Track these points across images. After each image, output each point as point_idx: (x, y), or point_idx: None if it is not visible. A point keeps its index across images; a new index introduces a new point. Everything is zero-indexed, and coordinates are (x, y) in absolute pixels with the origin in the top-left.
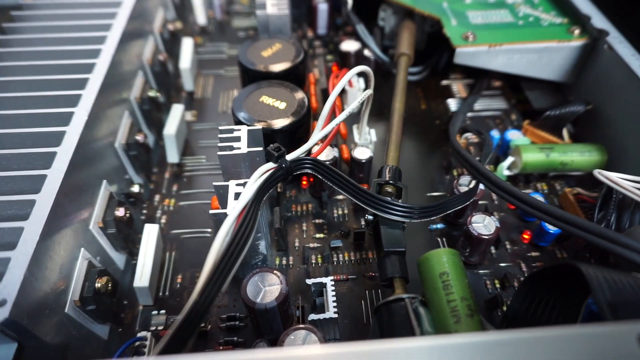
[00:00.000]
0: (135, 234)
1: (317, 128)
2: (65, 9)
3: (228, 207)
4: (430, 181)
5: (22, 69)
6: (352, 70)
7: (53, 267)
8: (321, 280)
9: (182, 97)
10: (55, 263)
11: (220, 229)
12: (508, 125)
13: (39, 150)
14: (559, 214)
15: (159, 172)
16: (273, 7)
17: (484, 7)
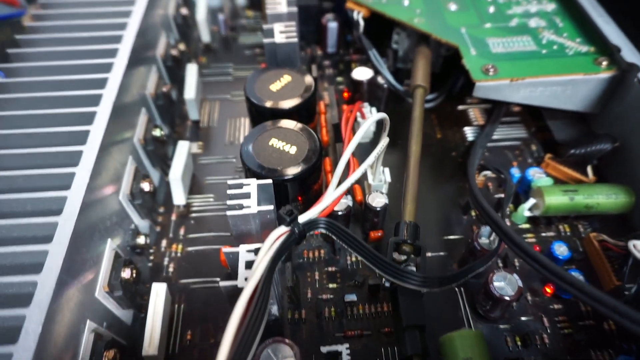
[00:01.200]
0: (143, 285)
1: (332, 186)
2: (63, 45)
3: (239, 278)
4: (446, 222)
5: (17, 119)
6: (367, 122)
7: (56, 353)
8: (336, 348)
9: (187, 126)
10: (57, 349)
11: (234, 311)
12: (527, 157)
13: (39, 221)
14: (599, 296)
15: (165, 212)
16: (281, 34)
17: (505, 32)
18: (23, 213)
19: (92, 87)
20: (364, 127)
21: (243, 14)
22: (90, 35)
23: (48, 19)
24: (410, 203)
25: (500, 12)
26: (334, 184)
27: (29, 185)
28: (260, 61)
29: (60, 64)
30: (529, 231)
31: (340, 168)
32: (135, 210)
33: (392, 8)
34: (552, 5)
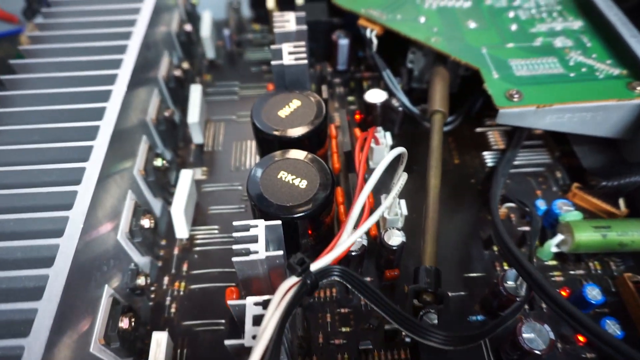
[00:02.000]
0: (144, 327)
1: (346, 231)
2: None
3: (246, 335)
4: (465, 257)
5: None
6: (384, 160)
7: None
8: None
9: (190, 150)
10: None
11: None
12: (552, 185)
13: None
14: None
15: (167, 245)
16: (290, 56)
17: (529, 53)
18: (11, 263)
19: (89, 119)
20: (380, 167)
21: (249, 28)
22: (88, 59)
23: (43, 42)
24: (431, 245)
25: (523, 30)
26: (349, 229)
27: (19, 229)
28: (267, 79)
29: (56, 91)
30: (555, 268)
31: (355, 212)
32: (135, 248)
33: (408, 26)
34: (578, 22)
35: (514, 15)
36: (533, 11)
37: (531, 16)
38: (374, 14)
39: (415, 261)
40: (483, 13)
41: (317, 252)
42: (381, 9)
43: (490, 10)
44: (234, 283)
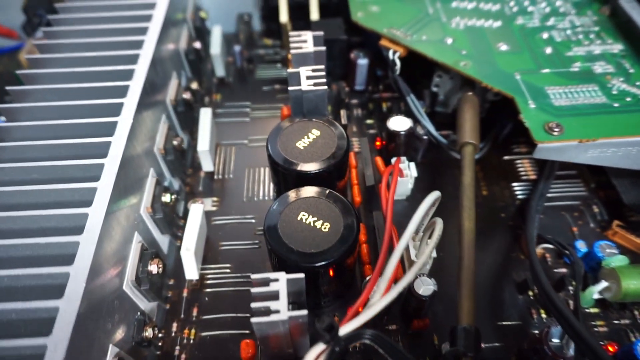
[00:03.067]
0: None
1: (379, 292)
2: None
3: None
4: (498, 302)
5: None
6: (421, 209)
7: None
8: None
9: (199, 177)
10: None
11: None
12: (589, 220)
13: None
14: None
15: (176, 286)
16: (309, 81)
17: (567, 80)
18: (7, 328)
19: (94, 155)
20: (416, 219)
21: (260, 42)
22: (91, 85)
23: (42, 66)
24: (468, 300)
25: (559, 53)
26: (382, 290)
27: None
28: (280, 99)
29: (58, 122)
30: (597, 316)
31: (389, 271)
32: (142, 295)
33: (434, 48)
34: (618, 45)
35: (547, 36)
36: (568, 32)
37: (567, 38)
38: (398, 34)
39: (445, 306)
40: (514, 34)
41: (337, 295)
42: (405, 28)
43: (522, 31)
44: (248, 330)
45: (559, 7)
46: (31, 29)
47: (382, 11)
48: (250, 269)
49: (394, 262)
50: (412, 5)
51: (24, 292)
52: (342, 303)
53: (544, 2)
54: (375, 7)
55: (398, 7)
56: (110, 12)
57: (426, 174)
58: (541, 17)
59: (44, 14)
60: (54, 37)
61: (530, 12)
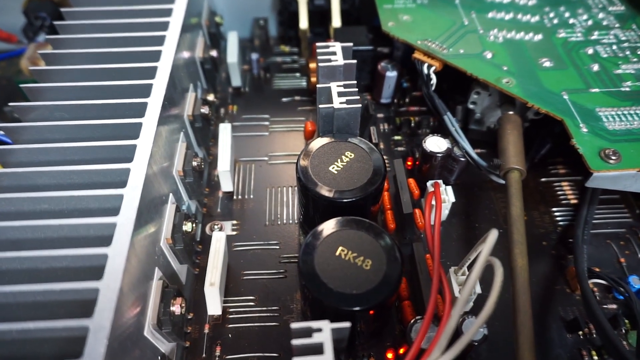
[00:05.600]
0: None
1: (437, 349)
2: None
3: None
4: (545, 341)
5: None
6: (484, 254)
7: None
8: None
9: (218, 198)
10: None
11: None
12: (637, 251)
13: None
14: None
15: (196, 321)
16: (341, 98)
17: (619, 101)
18: None
19: (111, 184)
20: (478, 268)
21: (276, 49)
22: (104, 102)
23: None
24: (528, 350)
25: (607, 71)
26: (446, 337)
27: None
28: (301, 112)
29: (76, 145)
30: None
31: (448, 332)
32: (163, 337)
33: (473, 63)
34: None
35: (592, 52)
36: (614, 47)
37: (613, 54)
38: (433, 46)
39: (490, 348)
40: (557, 48)
41: (372, 334)
42: (440, 40)
43: (565, 46)
44: None
45: (602, 20)
46: (32, 33)
47: (414, 21)
48: (277, 301)
49: (455, 316)
50: (445, 14)
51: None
52: (376, 342)
53: (585, 14)
54: (406, 16)
55: (431, 16)
56: (122, 18)
57: (460, 197)
58: (584, 30)
59: (46, 17)
60: (61, 45)
61: (572, 25)
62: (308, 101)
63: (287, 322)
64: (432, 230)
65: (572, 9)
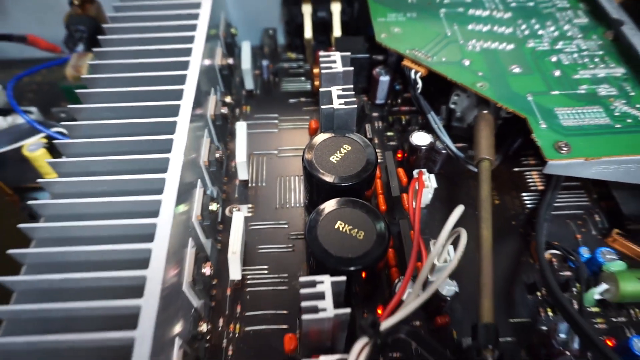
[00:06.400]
0: None
1: (415, 292)
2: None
3: None
4: (509, 301)
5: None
6: (450, 222)
7: None
8: None
9: (235, 186)
10: None
11: None
12: (591, 229)
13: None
14: None
15: (219, 286)
16: (340, 100)
17: (574, 102)
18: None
19: (155, 170)
20: (445, 230)
21: (283, 56)
22: (144, 104)
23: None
24: (488, 300)
25: (567, 76)
26: (418, 287)
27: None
28: (306, 112)
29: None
30: (598, 315)
31: (422, 276)
32: (196, 294)
33: (453, 69)
34: (620, 69)
35: (556, 59)
36: (575, 55)
37: (574, 61)
38: (419, 55)
39: (462, 305)
40: (526, 57)
41: (365, 295)
42: (425, 50)
43: (533, 54)
44: (287, 325)
45: (567, 31)
46: (72, 44)
47: (403, 32)
48: (286, 270)
49: (427, 267)
50: (431, 26)
51: (108, 292)
52: (369, 303)
53: (553, 26)
54: (397, 28)
55: (418, 28)
56: (154, 33)
57: (443, 184)
58: (550, 40)
59: (85, 30)
60: (104, 57)
61: (540, 35)
62: (312, 102)
63: (295, 286)
64: (414, 208)
65: (542, 21)
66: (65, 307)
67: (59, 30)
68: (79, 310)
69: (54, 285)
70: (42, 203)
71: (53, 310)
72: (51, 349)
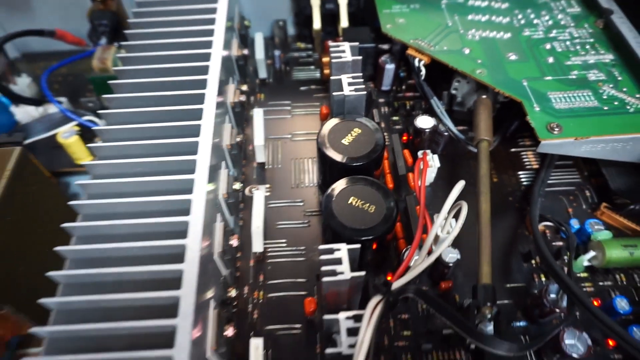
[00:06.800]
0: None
1: (421, 255)
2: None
3: (343, 345)
4: (506, 269)
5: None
6: (452, 196)
7: None
8: None
9: (253, 167)
10: None
11: None
12: (582, 203)
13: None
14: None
15: (243, 257)
16: (350, 87)
17: (566, 86)
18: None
19: (186, 153)
20: (449, 202)
21: (293, 46)
22: (172, 93)
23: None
24: (486, 264)
25: (559, 62)
26: (424, 253)
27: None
28: (316, 98)
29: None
30: (586, 280)
31: (428, 243)
32: (224, 264)
33: (454, 57)
34: (609, 55)
35: (550, 47)
36: (567, 43)
37: (566, 48)
38: (422, 44)
39: (463, 272)
40: (522, 45)
41: (376, 264)
42: (428, 39)
43: (529, 42)
44: (305, 292)
45: (560, 20)
46: (96, 38)
47: (407, 23)
48: (303, 243)
49: (432, 235)
50: (433, 17)
51: (152, 259)
52: (379, 271)
53: (547, 15)
54: (401, 19)
55: (421, 19)
56: (176, 27)
57: (445, 164)
58: (545, 29)
59: (107, 24)
60: (133, 50)
61: (536, 25)
62: (321, 89)
63: (311, 258)
64: (419, 185)
65: (537, 11)
66: (116, 272)
67: (80, 25)
68: (129, 274)
69: (104, 253)
70: (87, 183)
71: (105, 274)
72: (106, 307)
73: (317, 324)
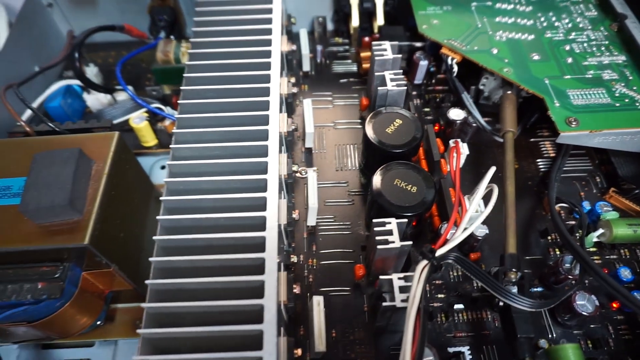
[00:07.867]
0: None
1: (460, 229)
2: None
3: (397, 299)
4: (526, 244)
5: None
6: (485, 180)
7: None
8: (460, 349)
9: (301, 152)
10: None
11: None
12: (593, 188)
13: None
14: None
15: (297, 231)
16: (392, 82)
17: (583, 84)
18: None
19: (259, 139)
20: (483, 185)
21: (331, 41)
22: (239, 87)
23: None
24: (512, 237)
25: (577, 63)
26: (462, 227)
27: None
28: (355, 90)
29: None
30: (595, 254)
31: (465, 220)
32: (286, 234)
33: (483, 57)
34: (622, 57)
35: (569, 48)
36: (585, 45)
37: (583, 50)
38: (455, 44)
39: (489, 245)
40: (544, 46)
41: (414, 237)
42: (460, 40)
43: (550, 43)
44: (352, 260)
45: (579, 23)
46: (156, 32)
47: (441, 24)
48: (348, 218)
49: (469, 213)
50: (464, 19)
51: (237, 228)
52: (417, 242)
53: (567, 18)
54: (435, 20)
55: (453, 20)
56: (238, 25)
57: (472, 152)
58: (565, 31)
59: (166, 18)
60: (199, 47)
61: (557, 27)
62: (359, 82)
63: (357, 231)
64: (454, 170)
65: (558, 14)
66: (207, 237)
67: (136, 19)
68: (218, 239)
69: (195, 222)
70: (174, 163)
71: (198, 239)
72: (201, 267)
73: (364, 287)
